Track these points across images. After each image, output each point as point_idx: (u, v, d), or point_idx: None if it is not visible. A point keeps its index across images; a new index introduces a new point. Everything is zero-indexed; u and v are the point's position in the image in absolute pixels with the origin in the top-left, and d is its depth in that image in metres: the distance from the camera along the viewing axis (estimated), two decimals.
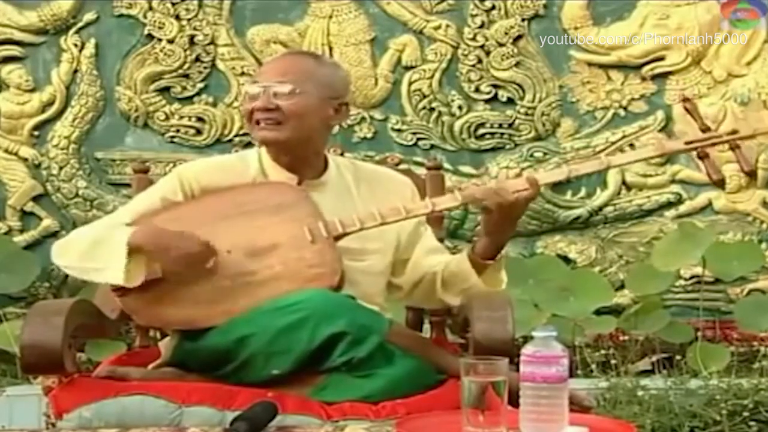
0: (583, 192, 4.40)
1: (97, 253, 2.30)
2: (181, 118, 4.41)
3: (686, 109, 2.54)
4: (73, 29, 4.40)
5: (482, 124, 4.40)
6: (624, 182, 4.39)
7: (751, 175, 2.56)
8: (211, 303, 2.27)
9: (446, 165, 4.11)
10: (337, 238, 2.35)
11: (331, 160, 2.53)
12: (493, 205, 2.30)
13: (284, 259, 2.31)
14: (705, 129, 2.47)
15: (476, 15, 4.39)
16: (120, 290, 2.31)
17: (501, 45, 4.38)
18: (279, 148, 2.44)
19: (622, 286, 4.32)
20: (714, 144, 2.46)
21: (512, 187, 2.33)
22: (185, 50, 4.40)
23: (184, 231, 2.30)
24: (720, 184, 2.51)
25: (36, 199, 4.42)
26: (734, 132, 2.51)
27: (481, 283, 2.38)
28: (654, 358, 4.03)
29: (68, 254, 2.37)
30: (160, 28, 4.40)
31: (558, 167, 3.75)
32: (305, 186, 2.44)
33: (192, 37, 4.40)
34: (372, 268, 2.45)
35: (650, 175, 4.39)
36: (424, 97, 4.41)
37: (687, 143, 2.50)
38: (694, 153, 2.52)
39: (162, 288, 2.30)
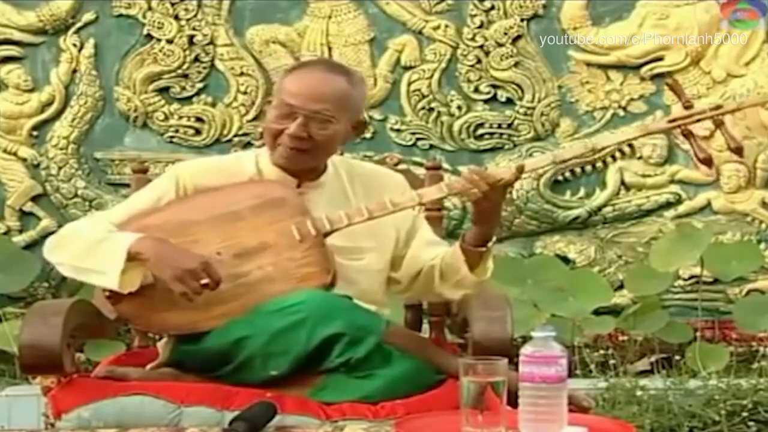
0: (582, 192, 4.40)
1: (95, 255, 2.29)
2: (180, 118, 4.41)
3: (669, 86, 2.52)
4: (72, 29, 4.39)
5: (481, 125, 4.40)
6: (623, 182, 4.39)
7: (738, 152, 2.52)
8: (206, 306, 2.26)
9: (445, 165, 4.10)
10: (326, 235, 2.34)
11: (329, 161, 2.52)
12: (477, 192, 2.30)
13: (275, 259, 2.31)
14: (688, 106, 2.43)
15: (475, 15, 4.39)
16: (113, 297, 2.31)
17: (500, 45, 4.39)
18: (296, 171, 2.44)
19: (621, 287, 4.32)
20: (697, 120, 2.41)
21: (497, 174, 2.34)
22: (184, 50, 4.39)
23: (191, 246, 2.28)
24: (707, 162, 2.46)
25: (35, 199, 4.42)
26: (718, 107, 2.45)
27: (470, 274, 2.38)
28: (653, 359, 4.03)
29: (63, 251, 2.35)
30: (159, 28, 4.40)
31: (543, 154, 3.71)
32: (304, 188, 2.44)
33: (191, 37, 4.40)
34: (369, 266, 2.44)
35: (649, 176, 4.39)
36: (423, 97, 4.41)
37: (670, 121, 2.46)
38: (680, 133, 2.48)
39: (155, 293, 2.29)
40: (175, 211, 2.40)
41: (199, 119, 4.41)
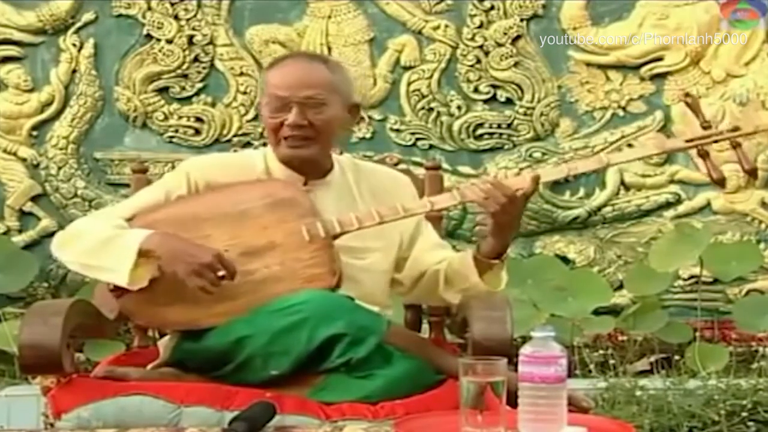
0: (581, 192, 4.40)
1: (104, 252, 2.29)
2: (180, 118, 4.41)
3: (687, 105, 2.50)
4: (72, 29, 4.40)
5: (481, 125, 4.41)
6: (623, 182, 4.39)
7: (752, 174, 2.52)
8: (210, 303, 2.26)
9: (445, 165, 4.11)
10: (335, 237, 2.34)
11: (336, 160, 2.52)
12: (493, 203, 2.30)
13: (282, 258, 2.31)
14: (706, 126, 2.43)
15: (475, 15, 4.39)
16: (118, 291, 2.31)
17: (500, 45, 4.39)
18: (303, 163, 2.44)
19: (620, 287, 4.33)
20: (715, 141, 2.42)
21: (513, 185, 2.33)
22: (184, 50, 4.40)
23: (201, 244, 2.28)
24: (721, 183, 2.47)
25: (34, 199, 4.42)
26: (736, 129, 2.44)
27: (481, 282, 2.38)
28: (652, 359, 4.03)
29: (72, 248, 2.35)
30: (158, 28, 4.40)
31: (557, 166, 3.72)
32: (310, 186, 2.44)
33: (191, 38, 4.40)
34: (374, 266, 2.44)
35: (649, 176, 4.39)
36: (423, 97, 4.41)
37: (688, 141, 2.46)
38: (694, 151, 2.50)
39: (160, 288, 2.29)
40: (184, 207, 2.40)
41: (198, 119, 4.41)
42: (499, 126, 4.41)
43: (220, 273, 2.24)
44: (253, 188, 2.42)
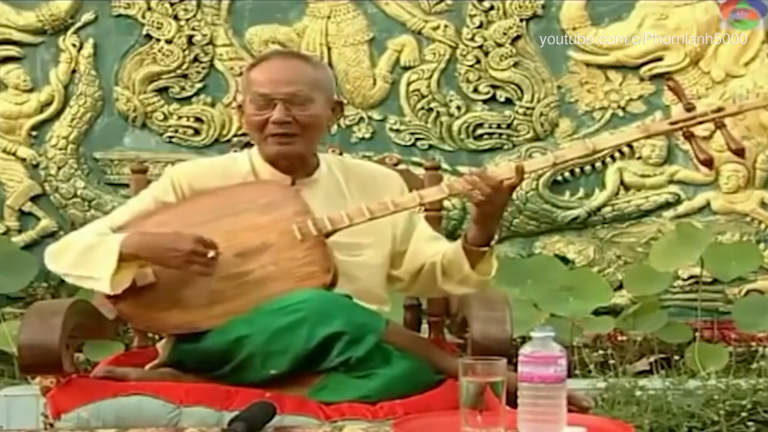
0: (581, 192, 4.40)
1: (87, 261, 2.31)
2: (180, 118, 4.41)
3: (670, 88, 2.52)
4: (72, 29, 4.40)
5: (480, 125, 4.41)
6: (622, 183, 4.39)
7: (739, 153, 2.51)
8: (207, 306, 2.27)
9: (444, 165, 4.11)
10: (327, 235, 2.35)
11: (322, 158, 2.53)
12: (479, 194, 2.31)
13: (276, 258, 2.32)
14: (690, 108, 2.43)
15: (475, 15, 4.39)
16: (114, 297, 2.31)
17: (499, 45, 4.39)
18: (291, 160, 2.45)
19: (620, 287, 4.33)
20: (699, 123, 2.42)
21: (499, 175, 2.33)
22: (183, 50, 4.40)
23: (176, 231, 2.29)
24: (708, 164, 2.47)
25: (34, 199, 4.43)
26: (720, 109, 2.45)
27: (473, 273, 2.38)
28: (652, 359, 4.03)
29: (61, 261, 2.37)
30: (158, 28, 4.40)
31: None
32: (298, 185, 2.45)
33: (190, 38, 4.41)
34: (369, 261, 2.45)
35: (648, 176, 4.39)
36: (423, 97, 4.41)
37: (672, 123, 2.47)
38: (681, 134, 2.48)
39: (156, 293, 2.30)
40: (174, 213, 2.40)
41: (198, 119, 4.41)
42: (499, 126, 4.41)
43: (210, 254, 2.25)
44: (243, 190, 2.42)
